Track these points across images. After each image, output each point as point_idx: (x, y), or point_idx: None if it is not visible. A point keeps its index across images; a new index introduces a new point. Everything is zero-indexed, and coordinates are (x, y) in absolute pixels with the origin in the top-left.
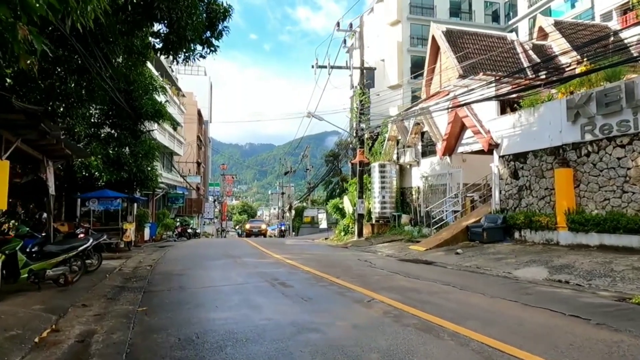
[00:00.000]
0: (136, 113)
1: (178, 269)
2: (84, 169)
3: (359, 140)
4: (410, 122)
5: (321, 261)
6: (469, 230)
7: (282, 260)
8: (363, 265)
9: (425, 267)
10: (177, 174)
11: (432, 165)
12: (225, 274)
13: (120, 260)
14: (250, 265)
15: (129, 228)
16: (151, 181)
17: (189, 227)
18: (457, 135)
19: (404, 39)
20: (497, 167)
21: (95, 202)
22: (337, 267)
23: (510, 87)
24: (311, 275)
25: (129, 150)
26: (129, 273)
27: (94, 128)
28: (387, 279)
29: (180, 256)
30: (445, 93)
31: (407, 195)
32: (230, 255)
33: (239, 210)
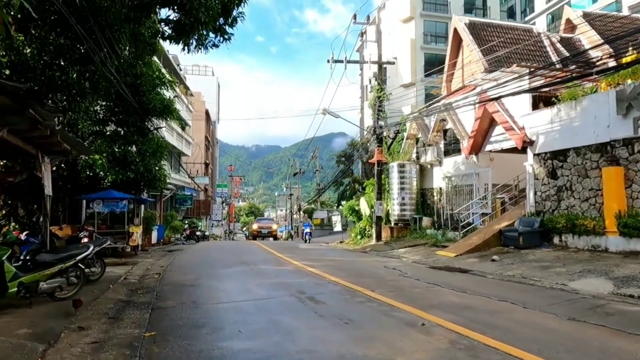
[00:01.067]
0: (143, 109)
1: (189, 278)
2: (87, 168)
3: (377, 139)
4: (431, 120)
5: (346, 269)
6: (502, 234)
7: (303, 268)
8: (394, 274)
9: (463, 276)
10: (185, 175)
11: (456, 165)
12: (243, 285)
13: (126, 266)
14: (269, 274)
15: (136, 231)
16: (159, 181)
17: (197, 230)
18: (484, 133)
19: (417, 36)
20: (532, 166)
21: (100, 203)
22: (367, 277)
23: (544, 79)
24: (342, 288)
25: (136, 148)
26: (135, 283)
27: (99, 125)
28: (430, 292)
29: (190, 262)
30: (471, 87)
31: (427, 197)
32: (245, 262)
33: (246, 212)
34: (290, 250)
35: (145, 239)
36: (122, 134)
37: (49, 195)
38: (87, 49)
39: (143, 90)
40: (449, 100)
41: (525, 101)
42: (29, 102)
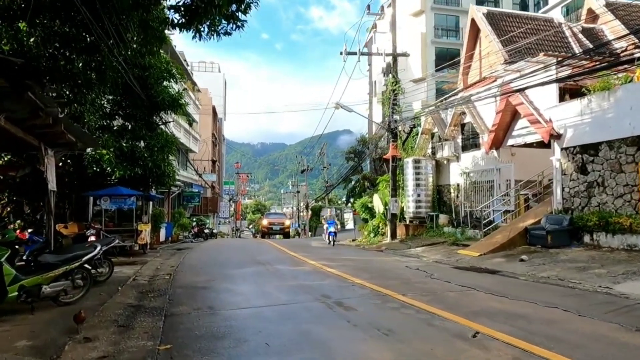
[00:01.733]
0: (151, 102)
1: (202, 279)
2: (94, 163)
3: (391, 134)
4: (447, 114)
5: (367, 269)
6: (528, 232)
7: (322, 269)
8: (419, 275)
9: (494, 278)
10: (193, 172)
11: (474, 160)
12: (261, 287)
13: (134, 266)
14: (286, 275)
15: (144, 229)
16: (168, 177)
17: (205, 227)
18: (506, 126)
19: (428, 30)
20: (559, 161)
21: (107, 200)
22: (393, 279)
23: (571, 69)
24: (369, 291)
25: (144, 143)
26: (144, 285)
27: (106, 120)
28: (467, 297)
29: (201, 262)
30: (491, 79)
31: (444, 194)
32: (259, 261)
33: (253, 210)
34: (303, 248)
35: (154, 237)
36: (130, 129)
37: (53, 190)
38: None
39: (151, 82)
40: (468, 93)
41: (551, 93)
42: (27, 83)
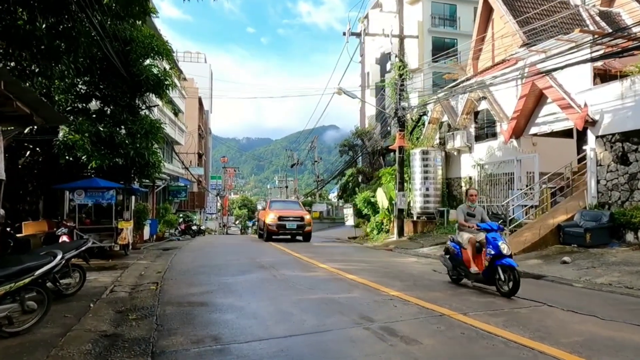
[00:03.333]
0: (133, 81)
1: (197, 291)
2: (66, 151)
3: (398, 122)
4: (458, 102)
5: (393, 275)
6: (562, 230)
7: (339, 274)
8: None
9: (547, 286)
10: (179, 165)
11: (490, 151)
12: (276, 304)
13: (114, 272)
14: (300, 284)
15: (126, 227)
16: (153, 168)
17: (193, 224)
18: (529, 113)
19: (425, 18)
20: (594, 150)
21: (82, 194)
22: (431, 288)
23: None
24: (417, 309)
25: (125, 129)
26: (124, 299)
27: (81, 102)
28: (545, 316)
29: (193, 265)
30: (511, 62)
31: (453, 188)
32: (260, 265)
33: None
34: (304, 248)
35: (137, 235)
36: (109, 113)
37: (2, 179)
38: None
39: (133, 59)
40: (485, 77)
41: (584, 75)
42: None
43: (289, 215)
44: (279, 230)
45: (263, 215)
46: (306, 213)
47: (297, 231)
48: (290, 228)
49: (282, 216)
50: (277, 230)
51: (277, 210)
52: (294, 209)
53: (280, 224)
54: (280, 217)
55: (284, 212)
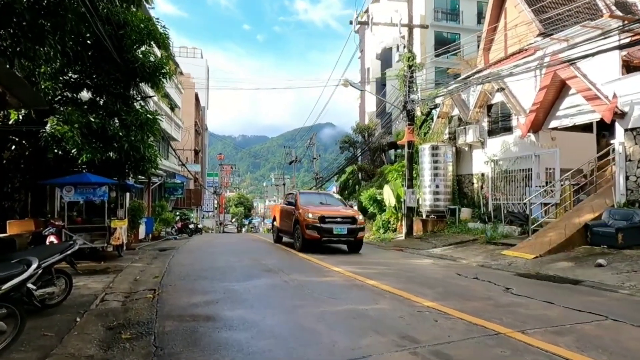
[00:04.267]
0: (128, 68)
1: (200, 300)
2: (55, 144)
3: (407, 115)
4: (470, 95)
5: (417, 280)
6: (589, 230)
7: (357, 279)
8: (493, 289)
9: (591, 293)
10: (175, 161)
11: (505, 146)
12: (296, 318)
13: (106, 276)
14: (317, 291)
15: (119, 226)
16: (149, 162)
17: (190, 222)
18: (549, 106)
19: (427, 12)
20: (623, 145)
21: (71, 190)
22: (465, 296)
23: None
24: (464, 325)
25: (119, 120)
26: (117, 311)
27: (71, 92)
28: (616, 333)
29: (193, 269)
30: (530, 51)
31: (464, 185)
32: (267, 267)
33: (235, 203)
34: None
35: (131, 234)
36: (102, 104)
37: None
38: None
39: (127, 44)
40: (503, 67)
41: (612, 64)
42: None
43: (335, 214)
44: (323, 237)
45: (286, 213)
46: (356, 212)
47: (348, 238)
48: (338, 234)
49: (327, 216)
50: (319, 237)
51: (315, 208)
52: (337, 205)
53: (325, 227)
54: (323, 218)
55: (327, 210)
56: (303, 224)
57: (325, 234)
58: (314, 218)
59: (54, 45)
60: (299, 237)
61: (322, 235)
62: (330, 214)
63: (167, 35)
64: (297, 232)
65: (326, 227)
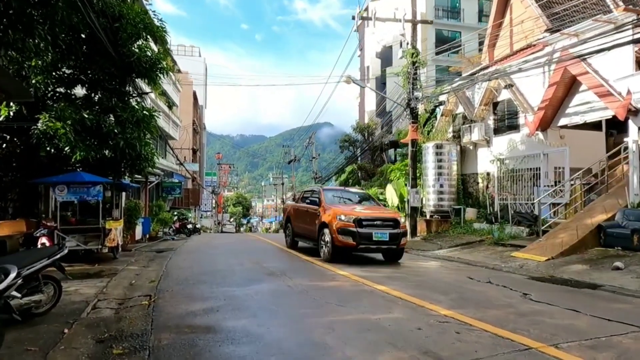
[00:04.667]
0: (123, 62)
1: (200, 308)
2: (47, 141)
3: (411, 113)
4: (475, 92)
5: (426, 284)
6: (603, 231)
7: (364, 283)
8: (510, 295)
9: (608, 297)
10: (173, 160)
11: (511, 145)
12: (304, 329)
13: (99, 280)
14: (325, 298)
15: (115, 227)
16: (145, 161)
17: (188, 222)
18: (558, 103)
19: (428, 10)
20: (637, 143)
21: (64, 189)
22: (483, 304)
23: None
24: (492, 339)
25: (114, 117)
26: (109, 321)
27: (64, 88)
28: None
29: (192, 272)
30: (538, 47)
31: (469, 184)
32: (269, 270)
33: (233, 202)
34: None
35: (128, 235)
36: (97, 100)
37: None
38: None
39: (123, 38)
40: (512, 62)
41: (625, 60)
42: None
43: (374, 216)
44: (360, 244)
45: (306, 213)
46: (397, 213)
47: (390, 245)
48: (378, 240)
49: (364, 218)
50: (354, 244)
51: (347, 208)
52: (372, 205)
53: (363, 232)
54: (360, 221)
55: (363, 210)
56: (333, 227)
57: (363, 241)
58: (348, 220)
59: (44, 37)
60: (327, 243)
61: (359, 242)
62: (367, 215)
63: (164, 29)
64: (324, 238)
65: (364, 233)
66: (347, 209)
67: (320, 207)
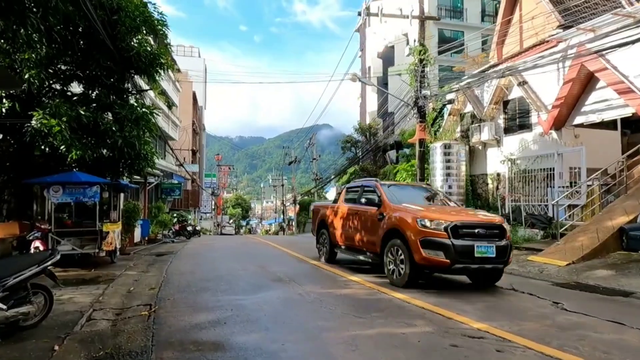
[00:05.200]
0: (122, 57)
1: (205, 320)
2: (41, 139)
3: (418, 112)
4: (484, 91)
5: (448, 291)
6: (625, 234)
7: (379, 290)
8: (541, 304)
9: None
10: (173, 161)
11: (523, 144)
12: (322, 346)
13: (96, 287)
14: (340, 308)
15: (112, 230)
16: (145, 160)
17: (188, 224)
18: (574, 101)
19: (431, 9)
20: None
21: (59, 190)
22: (525, 318)
23: None
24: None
25: (112, 114)
26: (104, 335)
27: (61, 84)
28: None
29: (193, 278)
30: (552, 43)
31: (478, 185)
32: (276, 276)
33: (233, 204)
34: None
35: (126, 238)
36: (94, 97)
37: None
38: None
39: (121, 31)
40: (526, 58)
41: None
42: None
43: (473, 222)
44: (456, 261)
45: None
46: (500, 217)
47: (496, 263)
48: (482, 256)
49: (461, 225)
50: (447, 262)
51: (428, 210)
52: (453, 207)
53: (460, 246)
54: (456, 229)
55: (456, 214)
56: (412, 237)
57: (461, 258)
58: (437, 228)
59: (37, 27)
60: (402, 260)
61: (455, 259)
62: (465, 220)
63: (165, 22)
64: (394, 252)
65: (462, 246)
66: (430, 213)
67: (382, 207)
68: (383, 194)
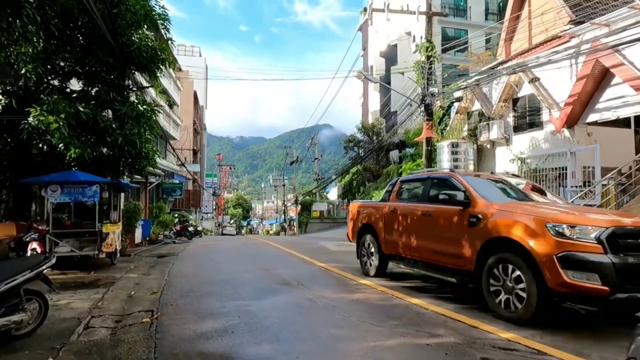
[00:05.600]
0: (122, 52)
1: (211, 328)
2: (38, 137)
3: (425, 110)
4: (492, 89)
5: (464, 295)
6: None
7: (393, 295)
8: (583, 316)
9: None
10: (174, 160)
11: (534, 143)
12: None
13: (95, 290)
14: (355, 315)
15: (112, 231)
16: (146, 159)
17: (189, 224)
18: (587, 98)
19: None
20: None
21: (57, 190)
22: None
23: None
24: None
25: (112, 111)
26: (103, 346)
27: (59, 80)
28: None
29: (197, 281)
30: (564, 39)
31: None
32: (284, 280)
33: (234, 204)
34: (318, 252)
35: (127, 239)
36: (94, 94)
37: None
38: None
39: (122, 25)
40: (537, 55)
41: None
42: None
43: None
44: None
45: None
46: None
47: None
48: None
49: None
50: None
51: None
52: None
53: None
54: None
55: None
56: (545, 251)
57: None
58: (584, 237)
59: (33, 17)
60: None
61: (618, 284)
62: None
63: (166, 17)
64: (503, 272)
65: (629, 265)
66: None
67: (473, 207)
68: (470, 188)
